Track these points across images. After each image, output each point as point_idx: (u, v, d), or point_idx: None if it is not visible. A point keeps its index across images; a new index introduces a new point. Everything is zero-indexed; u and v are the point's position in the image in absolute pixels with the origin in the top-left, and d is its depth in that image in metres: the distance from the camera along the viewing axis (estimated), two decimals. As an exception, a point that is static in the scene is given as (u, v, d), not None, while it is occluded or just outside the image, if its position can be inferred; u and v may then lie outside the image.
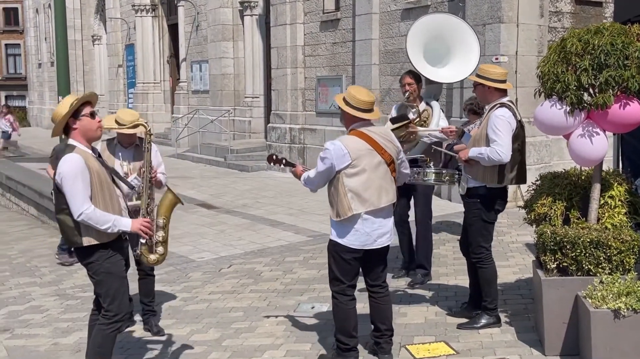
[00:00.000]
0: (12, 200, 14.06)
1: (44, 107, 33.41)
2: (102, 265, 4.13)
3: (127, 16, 24.15)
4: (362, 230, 4.38)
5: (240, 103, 18.17)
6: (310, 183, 4.55)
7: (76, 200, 3.97)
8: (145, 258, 4.35)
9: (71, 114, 4.05)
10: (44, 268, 8.38)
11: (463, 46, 6.25)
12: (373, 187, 4.35)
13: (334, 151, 4.33)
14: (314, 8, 14.03)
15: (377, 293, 4.63)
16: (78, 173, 3.97)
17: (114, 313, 4.19)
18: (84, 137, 4.11)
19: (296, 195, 11.62)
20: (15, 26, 44.78)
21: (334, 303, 4.57)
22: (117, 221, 4.08)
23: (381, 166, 4.39)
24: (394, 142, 4.52)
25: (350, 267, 4.48)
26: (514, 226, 8.17)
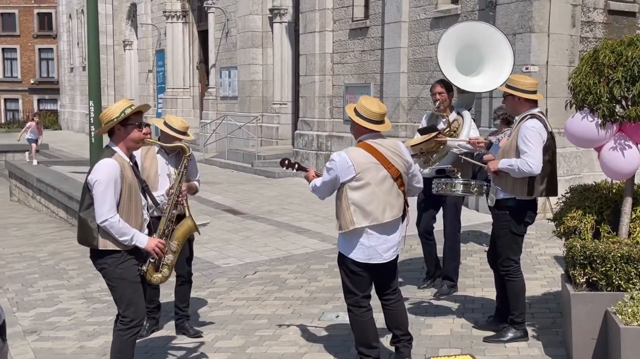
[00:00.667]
0: (42, 203, 14.28)
1: (75, 111, 33.91)
2: (114, 271, 4.16)
3: (158, 22, 24.44)
4: (367, 244, 4.33)
5: (268, 109, 18.25)
6: (317, 191, 4.55)
7: (104, 206, 4.01)
8: (150, 276, 4.35)
9: (121, 120, 4.10)
10: (72, 270, 8.48)
11: (496, 55, 6.16)
12: (377, 201, 4.29)
13: (339, 163, 4.30)
14: (343, 16, 14.05)
15: (389, 299, 4.58)
16: (111, 179, 4.02)
17: (130, 319, 4.21)
18: (125, 145, 4.16)
19: (322, 202, 11.54)
20: (49, 31, 45.56)
21: (350, 316, 4.54)
22: (135, 237, 4.12)
23: (387, 180, 4.33)
24: (403, 156, 4.43)
25: (360, 278, 4.44)
26: (542, 238, 8.06)
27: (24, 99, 46.39)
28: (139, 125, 4.20)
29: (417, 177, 4.57)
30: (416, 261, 7.33)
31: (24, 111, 44.61)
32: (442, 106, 6.14)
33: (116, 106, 4.16)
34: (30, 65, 46.57)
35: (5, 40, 46.43)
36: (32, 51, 46.48)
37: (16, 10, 46.11)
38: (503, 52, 6.17)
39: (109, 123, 4.11)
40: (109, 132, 4.17)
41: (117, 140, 4.16)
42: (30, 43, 46.35)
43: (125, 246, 4.13)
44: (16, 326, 6.21)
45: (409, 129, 12.11)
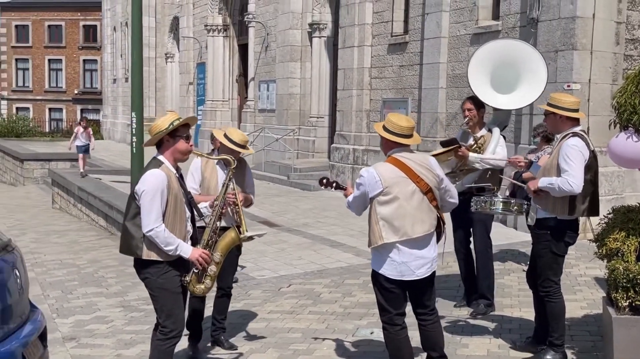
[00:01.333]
0: (83, 211, 14.54)
1: (117, 121, 34.54)
2: (156, 281, 4.22)
3: (199, 35, 24.81)
4: (398, 260, 4.28)
5: (305, 122, 18.34)
6: (351, 206, 4.55)
7: (150, 215, 4.08)
8: (193, 286, 4.39)
9: (169, 131, 4.18)
10: (110, 278, 8.61)
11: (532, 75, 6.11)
12: (406, 216, 4.25)
13: (367, 178, 4.30)
14: (382, 31, 14.07)
15: (426, 320, 4.50)
16: (158, 190, 4.09)
17: (170, 329, 4.25)
18: (172, 156, 4.24)
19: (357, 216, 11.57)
20: (94, 43, 46.64)
21: (385, 333, 4.49)
22: (180, 247, 4.18)
23: (416, 194, 4.28)
24: (433, 170, 4.39)
25: (394, 296, 4.39)
26: (582, 259, 7.91)
27: (67, 109, 47.50)
28: (187, 137, 4.27)
29: (450, 192, 4.51)
30: (453, 279, 7.25)
31: (67, 120, 45.65)
32: (472, 122, 6.13)
33: (164, 118, 4.24)
34: (74, 76, 47.70)
35: (52, 51, 47.70)
36: (76, 62, 47.63)
37: (63, 22, 47.38)
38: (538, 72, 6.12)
39: (157, 135, 4.19)
40: (157, 143, 4.25)
41: (165, 152, 4.23)
42: (75, 54, 47.52)
43: (169, 257, 4.19)
44: (56, 332, 6.32)
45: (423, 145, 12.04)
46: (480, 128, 6.16)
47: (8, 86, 48.50)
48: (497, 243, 7.76)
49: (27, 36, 47.97)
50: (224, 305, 5.65)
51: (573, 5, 9.50)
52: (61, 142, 33.31)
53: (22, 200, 19.79)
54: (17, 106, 47.25)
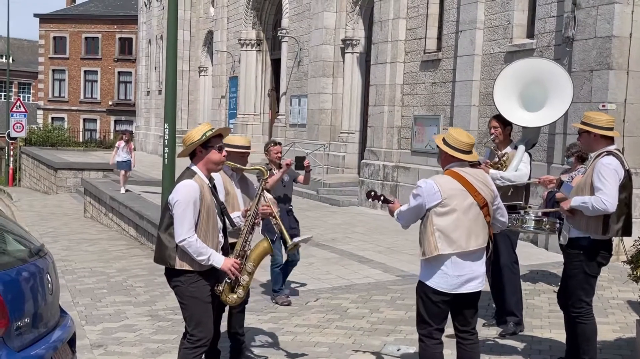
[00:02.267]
0: (114, 220, 14.73)
1: (149, 133, 34.99)
2: (187, 289, 4.24)
3: (232, 49, 25.09)
4: (450, 273, 4.27)
5: (335, 138, 18.37)
6: (401, 218, 4.52)
7: (183, 225, 4.11)
8: (225, 296, 4.41)
9: (202, 142, 4.22)
10: (139, 287, 8.68)
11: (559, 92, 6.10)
12: (462, 228, 4.25)
13: (426, 188, 4.29)
14: (415, 48, 14.08)
15: (466, 339, 4.47)
16: (191, 200, 4.13)
17: (198, 338, 4.27)
18: (205, 166, 4.28)
19: (386, 232, 11.54)
20: (129, 55, 47.44)
21: (421, 346, 4.46)
22: (212, 256, 4.20)
23: (473, 208, 4.29)
24: (489, 186, 4.42)
25: (438, 310, 4.36)
26: (615, 281, 7.76)
27: (101, 120, 48.30)
28: (220, 148, 4.30)
29: (501, 209, 4.51)
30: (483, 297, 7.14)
31: (100, 131, 46.41)
32: (497, 140, 6.14)
33: (198, 129, 4.29)
34: (109, 87, 48.52)
35: (88, 63, 48.63)
36: (112, 74, 48.46)
37: (99, 34, 48.30)
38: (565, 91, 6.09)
39: (190, 146, 4.24)
40: (190, 154, 4.29)
41: (198, 162, 4.28)
42: (110, 66, 48.36)
43: (201, 267, 4.21)
44: (84, 339, 6.38)
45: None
46: (506, 146, 6.16)
47: (45, 96, 49.53)
48: (527, 263, 7.69)
49: (64, 47, 48.99)
50: (243, 318, 5.64)
51: (610, 25, 9.40)
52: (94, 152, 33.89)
53: (54, 208, 20.13)
54: (52, 116, 48.19)
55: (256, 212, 4.65)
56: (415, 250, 9.94)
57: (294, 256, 7.45)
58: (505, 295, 6.18)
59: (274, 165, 7.32)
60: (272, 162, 7.36)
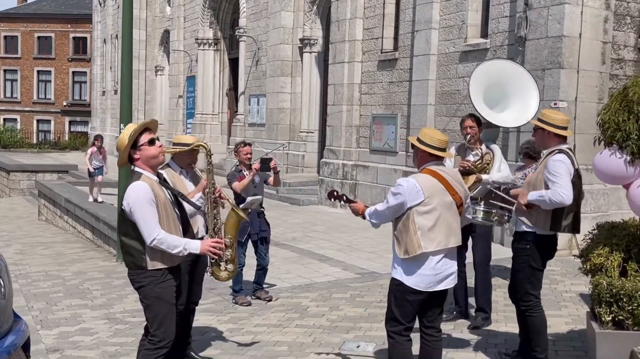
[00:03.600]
0: (70, 223, 14.47)
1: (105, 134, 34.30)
2: (153, 289, 4.19)
3: (190, 49, 24.87)
4: (429, 272, 4.31)
5: (295, 137, 18.38)
6: (378, 216, 4.48)
7: (148, 226, 4.06)
8: (217, 276, 4.47)
9: (131, 145, 4.18)
10: (95, 291, 8.56)
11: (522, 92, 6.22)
12: (443, 227, 4.31)
13: (407, 187, 4.30)
14: (372, 47, 14.18)
15: (432, 336, 4.52)
16: (145, 200, 4.07)
17: (160, 339, 4.24)
18: (147, 164, 4.23)
19: (346, 231, 11.61)
20: (84, 55, 46.58)
21: (390, 343, 4.48)
22: (187, 245, 4.17)
23: (452, 206, 4.36)
24: (464, 185, 4.51)
25: (412, 309, 4.40)
26: (567, 275, 7.96)
27: (56, 120, 47.30)
28: (150, 142, 4.23)
29: (469, 207, 4.65)
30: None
31: (55, 132, 45.46)
32: (473, 139, 6.21)
33: (124, 133, 4.21)
34: (63, 88, 47.56)
35: (41, 62, 47.57)
36: (66, 74, 47.51)
37: (53, 34, 47.29)
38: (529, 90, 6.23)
39: (123, 152, 4.20)
40: (128, 158, 4.25)
41: (138, 164, 4.23)
42: (64, 66, 47.40)
43: (174, 261, 4.19)
44: (39, 344, 6.27)
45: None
46: (480, 145, 6.25)
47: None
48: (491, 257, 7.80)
49: (15, 47, 47.80)
50: (192, 320, 5.60)
51: (560, 25, 9.64)
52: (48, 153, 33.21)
53: (7, 211, 19.66)
54: (4, 117, 46.98)
55: (214, 187, 4.65)
56: (374, 247, 10.06)
57: (264, 261, 7.45)
58: (477, 293, 6.34)
59: (244, 166, 7.29)
60: (242, 163, 7.32)
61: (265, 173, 7.29)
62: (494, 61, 8.55)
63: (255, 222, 7.25)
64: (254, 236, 7.29)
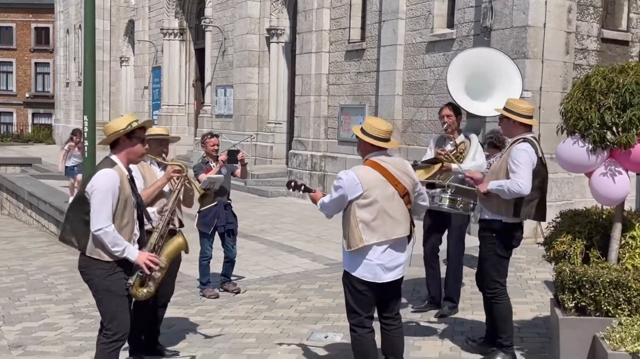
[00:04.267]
0: (34, 217, 14.21)
1: (69, 126, 33.81)
2: (102, 282, 4.13)
3: (155, 39, 24.54)
4: (375, 263, 4.31)
5: (263, 128, 18.29)
6: (325, 208, 4.53)
7: (100, 214, 4.00)
8: (135, 290, 4.28)
9: (127, 132, 4.12)
10: (60, 285, 8.42)
11: (505, 81, 6.21)
12: (385, 218, 4.30)
13: (347, 181, 4.30)
14: (339, 38, 14.15)
15: (390, 325, 4.55)
16: (110, 190, 4.02)
17: (113, 332, 4.18)
18: (126, 157, 4.18)
19: (314, 222, 11.61)
20: (46, 45, 45.64)
21: (353, 336, 4.49)
22: (127, 249, 4.11)
23: (394, 197, 4.34)
24: (409, 174, 4.47)
25: (366, 298, 4.41)
26: (533, 263, 8.06)
27: (18, 112, 46.30)
28: (143, 140, 4.22)
29: (422, 195, 4.59)
30: (407, 282, 7.29)
31: (17, 124, 44.53)
32: (450, 129, 6.18)
33: (122, 119, 4.19)
34: (25, 79, 46.57)
35: (2, 53, 46.47)
36: (28, 65, 46.51)
37: (13, 24, 46.20)
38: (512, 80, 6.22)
39: (114, 134, 4.13)
40: (111, 143, 4.18)
41: (119, 152, 4.17)
42: (26, 57, 46.38)
43: (113, 256, 4.11)
44: (2, 340, 6.16)
45: (402, 151, 12.15)
46: (458, 135, 6.23)
47: (-45, 89, 47.13)
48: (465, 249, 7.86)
49: (-25, 38, 46.69)
50: (163, 314, 5.55)
51: (525, 15, 9.72)
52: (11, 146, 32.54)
53: (-31, 205, 19.22)
54: (-36, 109, 45.92)
55: (174, 208, 4.58)
56: (342, 238, 10.08)
57: (231, 253, 7.40)
58: (448, 283, 6.39)
59: (211, 157, 7.22)
60: (209, 154, 7.25)
61: (232, 165, 7.22)
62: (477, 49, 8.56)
63: (222, 214, 7.20)
64: (220, 229, 7.24)
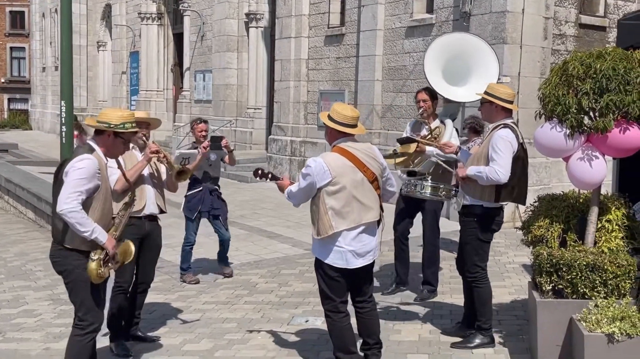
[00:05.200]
0: (11, 203, 14.05)
1: (46, 111, 33.46)
2: (79, 273, 4.07)
3: (132, 24, 24.26)
4: (345, 249, 4.34)
5: (242, 114, 18.22)
6: (293, 197, 4.52)
7: (70, 194, 3.90)
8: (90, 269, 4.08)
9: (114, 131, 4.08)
10: (39, 271, 8.36)
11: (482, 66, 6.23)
12: (354, 204, 4.31)
13: (315, 168, 4.30)
14: (319, 23, 14.10)
15: (364, 308, 4.59)
16: (89, 174, 3.96)
17: (90, 323, 4.14)
18: (106, 150, 4.14)
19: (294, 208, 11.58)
20: (21, 30, 44.89)
21: (328, 321, 4.52)
22: (96, 230, 4.00)
23: (363, 183, 4.35)
24: (377, 159, 4.47)
25: (338, 284, 4.44)
26: (511, 247, 8.16)
27: (-7, 98, 45.64)
28: (127, 142, 4.20)
29: (390, 180, 4.59)
30: (385, 268, 7.36)
31: (-7, 110, 43.91)
32: (426, 113, 6.20)
33: (121, 114, 4.14)
34: (1, 64, 45.83)
35: (-24, 37, 45.69)
36: (3, 49, 45.75)
37: (-13, 7, 45.41)
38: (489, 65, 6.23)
39: (104, 125, 4.08)
40: (96, 130, 4.13)
41: (101, 143, 4.13)
42: (1, 41, 45.60)
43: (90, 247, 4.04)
44: (-20, 327, 6.11)
45: (382, 136, 12.19)
46: (434, 119, 6.25)
47: None
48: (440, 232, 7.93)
49: (-52, 21, 45.77)
50: (142, 300, 5.53)
51: (504, 0, 9.76)
52: (-13, 132, 32.04)
53: (-56, 192, 18.93)
54: (-62, 94, 45.09)
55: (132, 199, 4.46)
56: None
57: (223, 236, 7.39)
58: (425, 266, 6.45)
59: (200, 144, 7.16)
60: (197, 140, 7.20)
61: (221, 151, 7.16)
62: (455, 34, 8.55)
63: (207, 199, 7.20)
64: (205, 214, 7.25)
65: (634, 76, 4.39)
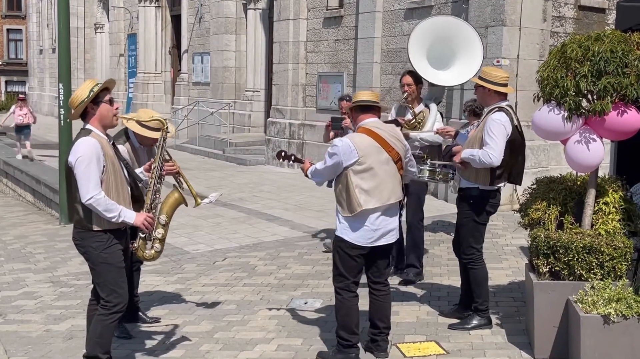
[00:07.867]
0: (9, 186, 14.07)
1: (44, 94, 33.36)
2: (99, 255, 4.13)
3: (130, 5, 24.11)
4: (369, 227, 4.41)
5: (240, 96, 18.17)
6: (317, 175, 4.59)
7: (88, 184, 3.97)
8: (142, 252, 4.35)
9: (91, 99, 4.07)
10: (38, 254, 8.39)
11: (467, 51, 6.23)
12: (380, 184, 4.39)
13: (342, 147, 4.37)
14: (317, 4, 14.03)
15: (379, 290, 4.65)
16: (93, 156, 3.98)
17: (114, 304, 4.19)
18: (100, 123, 4.14)
19: (293, 190, 11.64)
20: (18, 11, 44.63)
21: (337, 299, 4.58)
22: (122, 212, 4.09)
23: (389, 163, 4.43)
24: (401, 140, 4.57)
25: (355, 264, 4.50)
26: (509, 229, 8.20)
27: (-9, 80, 45.46)
28: (110, 101, 4.18)
29: (412, 161, 4.71)
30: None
31: (-9, 92, 43.76)
32: (410, 97, 6.22)
33: (83, 87, 4.13)
34: (-3, 46, 45.62)
35: (-28, 19, 45.42)
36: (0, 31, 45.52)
37: (-16, -11, 45.08)
38: (474, 48, 6.24)
39: (80, 105, 4.09)
40: (81, 114, 4.14)
41: (92, 120, 4.13)
42: (-2, 23, 45.38)
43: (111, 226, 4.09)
44: (-19, 309, 6.15)
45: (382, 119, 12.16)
46: (418, 104, 6.26)
47: None
48: (429, 214, 7.99)
49: (-55, 3, 45.44)
50: (138, 279, 5.57)
51: (503, -18, 9.70)
52: (-16, 114, 31.92)
53: (-57, 175, 18.94)
54: None
55: (161, 164, 4.55)
56: (322, 206, 10.13)
57: None
58: (408, 251, 6.45)
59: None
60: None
61: None
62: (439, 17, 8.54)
63: None
64: None
65: (632, 59, 4.39)
